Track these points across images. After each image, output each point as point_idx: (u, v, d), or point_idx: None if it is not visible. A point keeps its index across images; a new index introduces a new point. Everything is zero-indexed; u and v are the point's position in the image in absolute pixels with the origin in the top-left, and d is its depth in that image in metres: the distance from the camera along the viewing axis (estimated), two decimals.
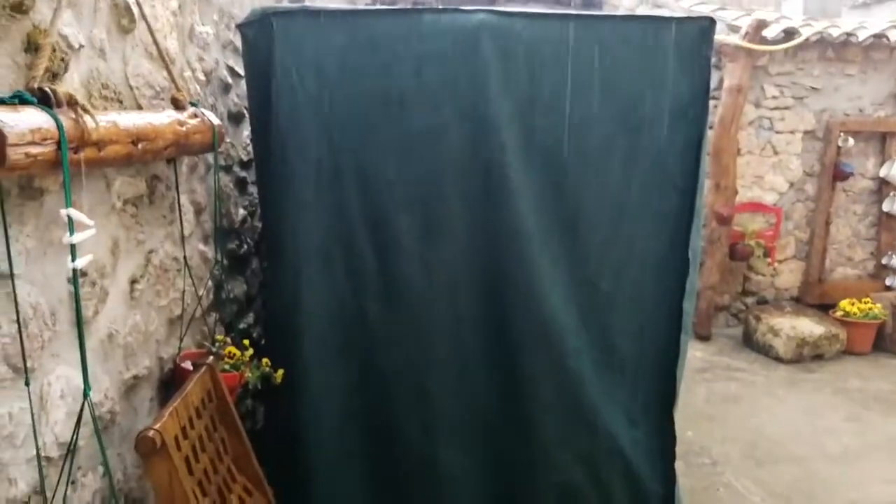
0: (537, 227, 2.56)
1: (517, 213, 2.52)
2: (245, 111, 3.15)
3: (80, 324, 1.52)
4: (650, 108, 2.56)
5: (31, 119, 1.31)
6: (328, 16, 2.41)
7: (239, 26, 2.55)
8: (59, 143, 1.37)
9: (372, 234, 2.64)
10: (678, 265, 2.72)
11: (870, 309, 5.90)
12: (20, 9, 1.46)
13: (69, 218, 1.44)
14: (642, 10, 7.99)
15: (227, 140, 2.90)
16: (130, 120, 1.75)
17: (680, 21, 2.52)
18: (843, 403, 4.86)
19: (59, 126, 1.37)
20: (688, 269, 2.71)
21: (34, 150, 1.30)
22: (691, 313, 2.82)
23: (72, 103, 1.46)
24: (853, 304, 5.95)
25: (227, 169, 3.00)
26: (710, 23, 2.53)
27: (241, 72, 3.04)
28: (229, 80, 3.01)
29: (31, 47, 1.50)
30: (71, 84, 1.69)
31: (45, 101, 1.40)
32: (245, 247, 3.20)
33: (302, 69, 2.44)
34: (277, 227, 2.64)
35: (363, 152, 2.52)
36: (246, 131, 3.23)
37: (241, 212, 3.15)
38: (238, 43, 2.99)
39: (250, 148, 3.17)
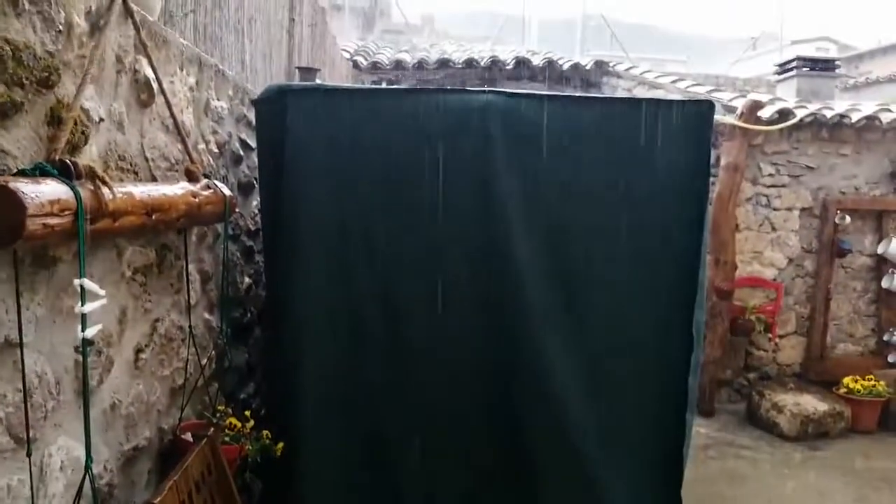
0: (541, 304, 2.57)
1: (521, 289, 2.54)
2: (255, 182, 3.21)
3: (86, 394, 1.51)
4: (653, 186, 2.62)
5: (51, 191, 1.34)
6: (340, 94, 2.50)
7: (254, 102, 2.63)
8: (76, 215, 1.40)
9: (377, 304, 2.65)
10: (682, 342, 2.71)
11: (873, 386, 5.83)
12: (46, 84, 1.52)
13: (82, 288, 1.44)
14: (639, 91, 8.24)
15: (237, 210, 2.94)
16: (146, 191, 1.78)
17: (682, 104, 2.61)
18: (852, 484, 4.74)
19: (78, 198, 1.39)
20: (692, 346, 2.71)
21: (52, 220, 1.32)
22: (696, 390, 2.80)
23: (91, 175, 1.49)
24: (856, 382, 5.89)
25: (235, 238, 3.03)
26: (710, 106, 2.61)
27: (253, 144, 3.12)
28: (241, 152, 3.07)
29: (55, 120, 1.55)
30: (90, 156, 1.73)
31: (65, 172, 1.43)
32: (248, 315, 3.20)
33: (314, 144, 2.51)
34: (283, 294, 2.65)
35: (371, 224, 2.56)
36: (255, 201, 3.28)
37: (247, 280, 3.16)
38: (251, 117, 3.08)
39: (258, 218, 3.22)
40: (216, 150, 2.70)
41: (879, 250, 6.39)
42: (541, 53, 10.12)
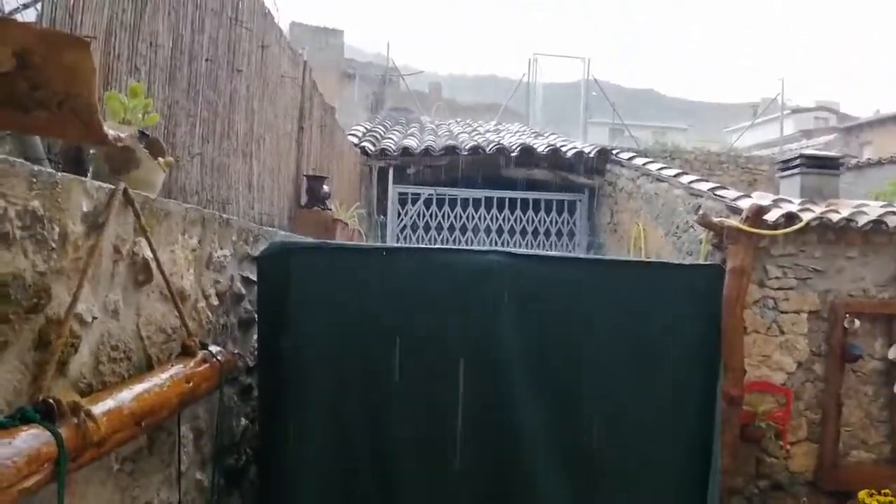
0: (550, 469, 2.46)
1: (528, 459, 2.44)
2: (255, 317, 3.15)
3: None
4: (664, 348, 2.55)
5: (29, 448, 1.26)
6: (343, 253, 2.47)
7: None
8: (57, 462, 1.32)
9: (373, 465, 2.55)
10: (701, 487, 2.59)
11: (890, 502, 5.62)
12: (35, 309, 1.47)
13: None
14: (643, 183, 8.27)
15: (236, 352, 2.87)
16: (136, 395, 1.71)
17: (693, 268, 2.56)
18: None
19: (61, 447, 1.32)
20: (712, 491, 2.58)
21: (30, 482, 1.24)
22: None
23: (75, 411, 1.42)
24: (872, 496, 5.68)
25: (233, 380, 2.95)
26: (720, 271, 2.57)
27: (254, 278, 3.07)
28: (243, 290, 3.02)
29: (42, 344, 1.48)
30: (80, 360, 1.67)
31: (48, 414, 1.36)
32: (243, 458, 3.09)
33: (316, 301, 2.46)
34: (278, 465, 2.55)
35: (372, 385, 2.48)
36: (255, 335, 3.21)
37: (243, 421, 3.06)
38: (253, 250, 3.04)
39: (256, 353, 3.14)
40: (216, 303, 2.64)
41: (890, 355, 6.26)
42: (545, 138, 10.25)
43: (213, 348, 2.29)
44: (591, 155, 9.14)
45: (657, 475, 2.54)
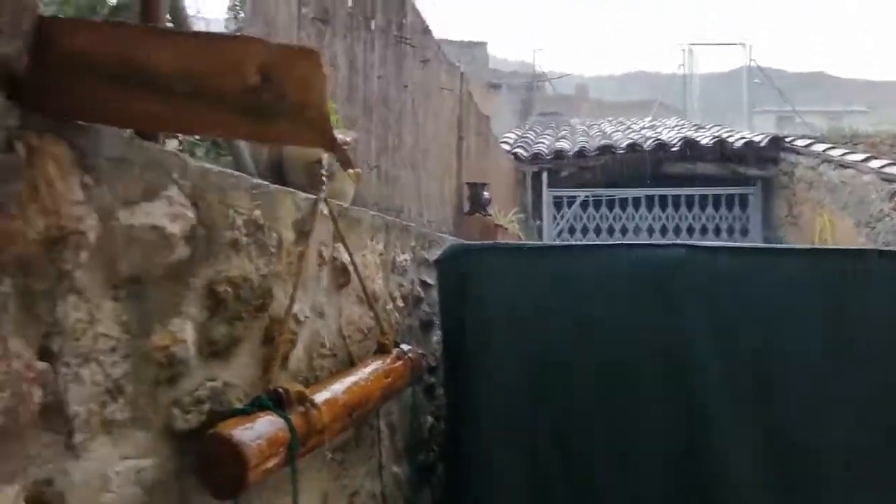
0: (752, 485, 2.25)
1: (724, 465, 2.27)
2: (435, 319, 3.25)
3: None
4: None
5: (268, 431, 1.38)
6: (520, 252, 2.48)
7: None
8: (289, 446, 1.43)
9: (560, 462, 2.52)
10: None
11: None
12: (262, 308, 1.61)
13: None
14: (824, 170, 7.59)
15: (420, 352, 2.98)
16: (346, 387, 1.82)
17: None
18: None
19: (293, 432, 1.43)
20: None
21: (270, 463, 1.36)
22: None
23: (301, 400, 1.54)
24: None
25: (418, 380, 3.06)
26: None
27: (431, 281, 3.18)
28: (422, 293, 3.13)
29: (268, 339, 1.63)
30: (297, 356, 1.81)
31: (279, 402, 1.48)
32: (431, 455, 3.19)
33: (495, 302, 2.49)
34: (465, 462, 2.60)
35: (554, 385, 2.46)
36: (435, 336, 3.31)
37: (429, 419, 3.17)
38: (430, 256, 3.15)
39: (438, 353, 3.24)
40: (402, 304, 2.76)
41: None
42: (708, 130, 9.72)
43: (405, 346, 2.39)
44: (762, 144, 8.54)
45: None
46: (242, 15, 2.14)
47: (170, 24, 1.89)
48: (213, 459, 1.28)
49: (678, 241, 2.40)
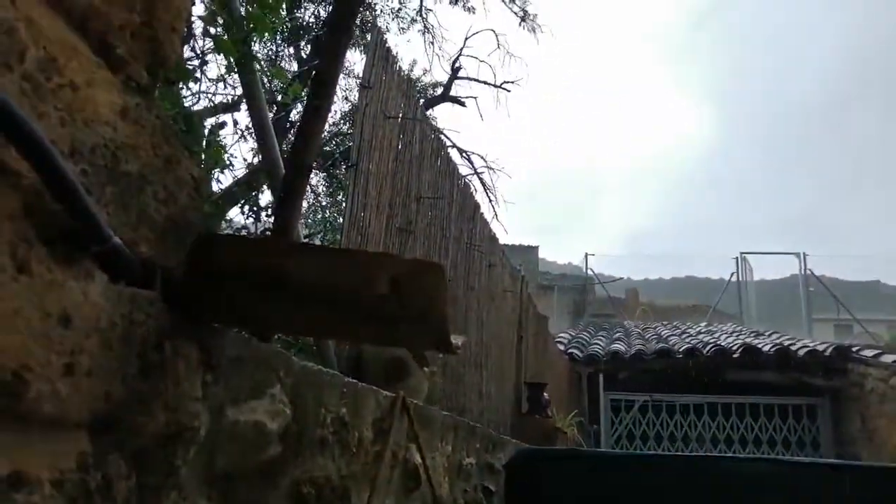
0: None
1: None
2: None
3: None
4: None
5: None
6: (599, 459, 2.39)
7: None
8: None
9: None
10: None
11: None
12: None
13: None
14: None
15: None
16: None
17: None
18: None
19: None
20: None
21: None
22: None
23: None
24: None
25: None
26: None
27: (493, 488, 3.05)
28: (483, 501, 3.00)
29: None
30: None
31: None
32: None
33: None
34: None
35: None
36: None
37: None
38: (492, 460, 3.06)
39: None
40: None
41: None
42: (767, 337, 9.55)
43: None
44: (828, 353, 8.30)
45: None
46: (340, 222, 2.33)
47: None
48: None
49: (761, 456, 2.26)
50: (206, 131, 3.11)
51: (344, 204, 2.84)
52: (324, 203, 9.11)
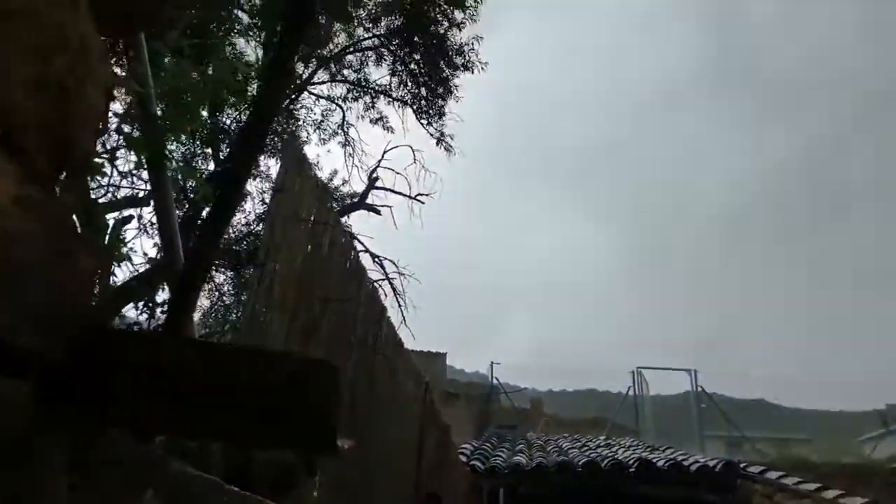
0: None
1: None
2: None
3: None
4: None
5: None
6: None
7: None
8: None
9: None
10: None
11: None
12: None
13: None
14: (781, 499, 7.55)
15: None
16: None
17: None
18: None
19: None
20: None
21: None
22: None
23: None
24: None
25: None
26: None
27: None
28: None
29: None
30: None
31: None
32: None
33: None
34: None
35: None
36: None
37: None
38: None
39: None
40: None
41: None
42: (662, 452, 9.77)
43: None
44: (717, 469, 8.55)
45: None
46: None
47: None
48: None
49: None
50: (111, 225, 3.03)
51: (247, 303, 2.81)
52: (228, 303, 8.87)
